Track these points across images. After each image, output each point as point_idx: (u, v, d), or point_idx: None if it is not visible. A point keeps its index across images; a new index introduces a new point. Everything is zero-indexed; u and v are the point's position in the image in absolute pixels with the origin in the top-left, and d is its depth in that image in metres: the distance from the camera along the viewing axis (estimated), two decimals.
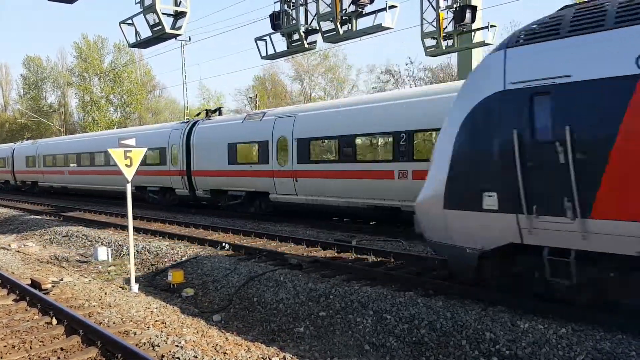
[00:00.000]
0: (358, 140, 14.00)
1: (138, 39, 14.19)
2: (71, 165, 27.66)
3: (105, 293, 9.00)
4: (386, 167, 12.99)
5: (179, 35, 13.45)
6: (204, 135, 19.21)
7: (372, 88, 50.01)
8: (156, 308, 8.13)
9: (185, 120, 20.87)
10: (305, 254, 10.69)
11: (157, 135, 21.55)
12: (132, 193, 21.63)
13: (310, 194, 15.17)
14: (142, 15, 13.34)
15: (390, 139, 13.02)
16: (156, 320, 7.46)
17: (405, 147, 12.62)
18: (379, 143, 13.82)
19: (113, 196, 24.93)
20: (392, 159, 12.88)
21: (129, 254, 9.98)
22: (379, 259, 10.22)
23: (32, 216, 20.69)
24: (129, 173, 9.34)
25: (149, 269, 11.14)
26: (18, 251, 13.87)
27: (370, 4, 13.27)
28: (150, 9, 12.85)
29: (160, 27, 13.03)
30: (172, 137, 20.45)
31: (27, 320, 7.40)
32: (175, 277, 9.36)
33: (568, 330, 5.89)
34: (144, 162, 19.42)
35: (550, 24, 6.37)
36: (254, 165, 16.86)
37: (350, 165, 13.86)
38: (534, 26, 6.53)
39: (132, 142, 9.37)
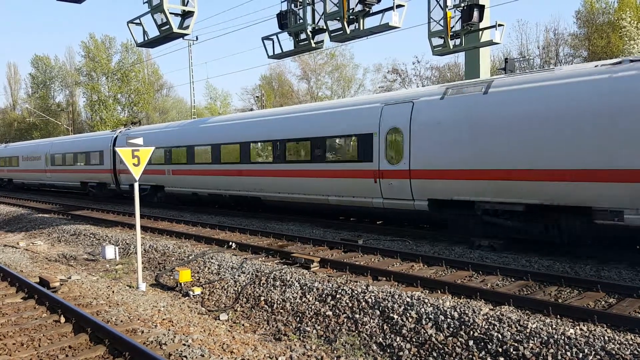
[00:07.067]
0: None
1: (146, 39, 14.27)
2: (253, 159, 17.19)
3: (113, 291, 9.05)
4: None
5: (186, 34, 13.50)
6: None
7: (379, 87, 49.95)
8: (163, 307, 8.16)
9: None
10: (311, 253, 10.68)
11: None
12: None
13: None
14: (149, 14, 13.42)
15: None
16: (163, 319, 7.49)
17: None
18: None
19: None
20: None
21: (136, 253, 10.02)
22: (385, 258, 10.23)
23: (40, 215, 20.83)
24: (137, 172, 9.38)
25: (156, 267, 11.17)
26: (26, 249, 13.96)
27: (377, 3, 13.27)
28: (158, 8, 12.91)
29: (167, 26, 13.09)
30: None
31: (36, 318, 7.44)
32: (182, 275, 9.38)
33: (576, 330, 5.85)
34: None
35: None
36: None
37: None
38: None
39: (139, 141, 9.39)
